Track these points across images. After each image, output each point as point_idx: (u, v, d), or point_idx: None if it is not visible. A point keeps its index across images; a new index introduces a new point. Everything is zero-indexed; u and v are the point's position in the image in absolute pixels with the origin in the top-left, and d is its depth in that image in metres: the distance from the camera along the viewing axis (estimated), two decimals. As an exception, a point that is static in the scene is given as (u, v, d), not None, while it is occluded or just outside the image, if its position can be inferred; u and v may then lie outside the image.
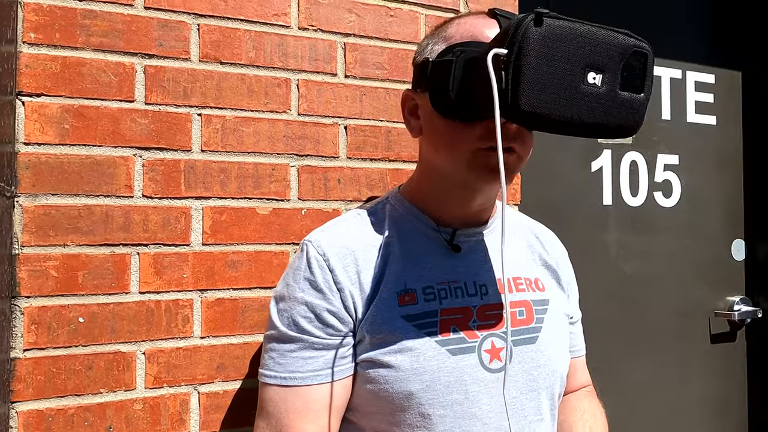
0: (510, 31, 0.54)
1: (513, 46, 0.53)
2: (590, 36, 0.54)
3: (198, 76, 0.93)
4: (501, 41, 0.55)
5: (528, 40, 0.52)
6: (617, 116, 0.56)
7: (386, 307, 0.72)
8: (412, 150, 1.06)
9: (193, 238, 0.92)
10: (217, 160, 0.94)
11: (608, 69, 0.55)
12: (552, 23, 0.53)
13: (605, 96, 0.55)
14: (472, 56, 0.65)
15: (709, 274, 1.61)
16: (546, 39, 0.53)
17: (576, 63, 0.54)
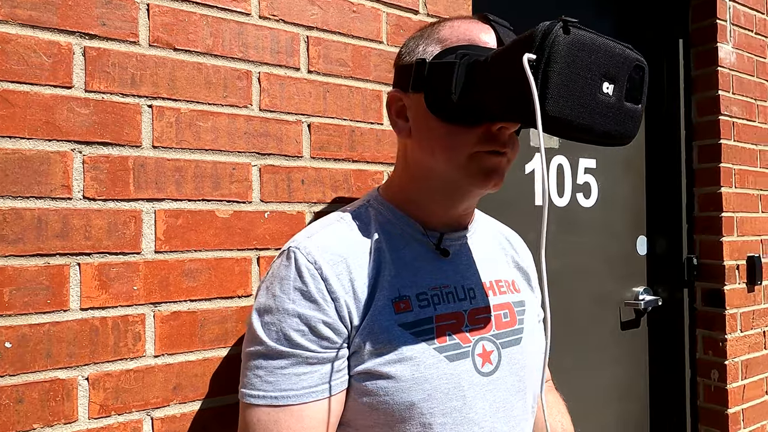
0: (537, 36, 0.54)
1: (542, 52, 0.53)
2: (606, 47, 0.56)
3: (148, 63, 0.82)
4: (527, 46, 0.55)
5: (557, 46, 0.53)
6: (622, 125, 0.59)
7: (383, 316, 0.69)
8: (375, 151, 1.04)
9: (144, 246, 0.81)
10: (171, 157, 0.84)
11: (618, 80, 0.57)
12: (577, 32, 0.54)
13: (615, 105, 0.57)
14: (475, 59, 0.65)
15: (619, 267, 1.78)
16: (572, 47, 0.54)
17: (595, 72, 0.55)
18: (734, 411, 1.73)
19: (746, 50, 1.85)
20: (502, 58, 0.61)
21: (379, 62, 1.04)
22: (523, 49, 0.55)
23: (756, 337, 1.83)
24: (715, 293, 1.76)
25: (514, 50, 0.58)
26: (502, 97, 0.60)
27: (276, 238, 0.92)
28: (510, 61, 0.58)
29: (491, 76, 0.62)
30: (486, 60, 0.63)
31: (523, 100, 0.55)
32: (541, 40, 0.54)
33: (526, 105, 0.55)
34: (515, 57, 0.56)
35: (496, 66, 0.61)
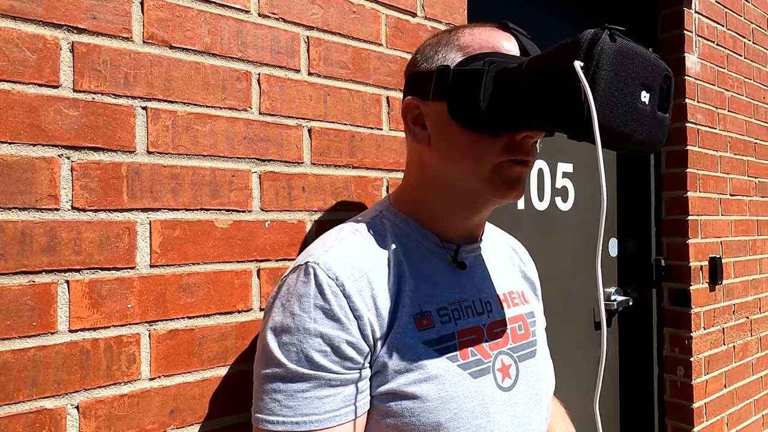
0: (584, 43, 0.53)
1: (590, 59, 0.52)
2: (645, 56, 0.56)
3: (143, 61, 0.76)
4: (571, 53, 0.54)
5: (605, 54, 0.52)
6: (655, 134, 0.58)
7: (406, 334, 0.66)
8: (375, 157, 1.00)
9: (139, 259, 0.75)
10: (167, 163, 0.78)
11: (653, 89, 0.57)
12: (621, 41, 0.53)
13: (650, 114, 0.57)
14: (503, 67, 0.63)
15: (593, 268, 1.83)
16: (618, 56, 0.53)
17: (636, 81, 0.55)
18: (698, 405, 1.82)
19: (709, 60, 1.94)
20: (541, 65, 0.59)
21: (379, 65, 1.01)
22: (567, 56, 0.54)
23: (716, 334, 1.92)
24: (681, 293, 1.84)
25: (556, 57, 0.56)
26: (537, 105, 0.59)
27: (276, 249, 0.88)
28: (551, 67, 0.57)
29: (525, 84, 0.60)
30: (520, 67, 0.61)
31: (566, 107, 0.54)
32: (589, 47, 0.53)
33: (569, 112, 0.54)
34: (558, 64, 0.55)
35: (532, 73, 0.60)
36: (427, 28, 1.09)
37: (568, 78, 0.53)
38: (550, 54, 0.58)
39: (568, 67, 0.53)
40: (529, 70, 0.60)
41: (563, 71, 0.54)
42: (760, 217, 2.19)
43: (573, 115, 0.53)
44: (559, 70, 0.55)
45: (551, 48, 0.59)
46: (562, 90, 0.54)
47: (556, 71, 0.56)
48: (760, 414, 2.13)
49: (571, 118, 0.54)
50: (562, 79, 0.54)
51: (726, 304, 1.97)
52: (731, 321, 2.00)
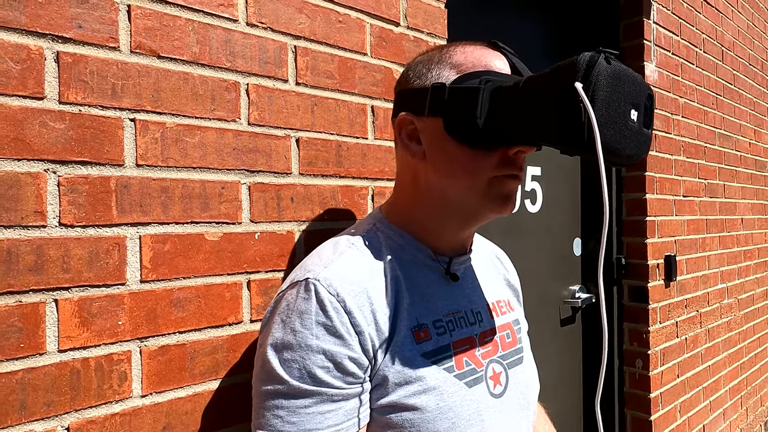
0: (582, 66, 0.56)
1: (588, 81, 0.55)
2: (634, 77, 0.59)
3: (130, 72, 0.74)
4: (569, 75, 0.57)
5: (602, 76, 0.55)
6: (640, 148, 0.62)
7: (405, 347, 0.68)
8: (361, 166, 1.01)
9: (129, 275, 0.73)
10: (156, 176, 0.76)
11: (640, 108, 0.61)
12: (615, 64, 0.57)
13: (638, 131, 0.61)
14: (498, 85, 0.66)
15: (559, 268, 1.90)
16: (613, 77, 0.56)
17: (627, 101, 0.58)
18: (655, 395, 1.93)
19: (665, 69, 2.04)
20: (539, 84, 0.62)
21: (364, 75, 1.02)
22: (565, 77, 0.57)
23: (671, 327, 2.04)
24: (640, 290, 1.94)
25: (554, 78, 0.59)
26: (536, 123, 0.62)
27: (266, 260, 0.87)
28: (550, 87, 0.59)
29: (523, 102, 0.63)
30: (516, 86, 0.64)
31: (566, 126, 0.57)
32: (587, 69, 0.56)
33: (569, 130, 0.57)
34: (556, 84, 0.58)
35: (530, 92, 0.62)
36: (409, 38, 1.10)
37: (568, 98, 0.56)
38: (548, 74, 0.61)
39: (568, 88, 0.56)
40: (527, 89, 0.63)
41: (562, 91, 0.57)
42: (708, 217, 2.34)
43: (573, 133, 0.56)
44: (557, 90, 0.58)
45: (548, 69, 0.62)
46: (562, 109, 0.57)
47: (555, 91, 0.58)
48: (708, 401, 2.29)
49: (572, 137, 0.57)
50: (562, 98, 0.57)
51: (679, 299, 2.10)
52: (683, 315, 2.13)
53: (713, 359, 2.34)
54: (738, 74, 2.62)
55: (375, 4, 1.04)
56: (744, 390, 2.62)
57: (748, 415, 2.68)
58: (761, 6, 2.94)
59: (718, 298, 2.39)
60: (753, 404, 2.73)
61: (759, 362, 2.80)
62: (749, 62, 2.76)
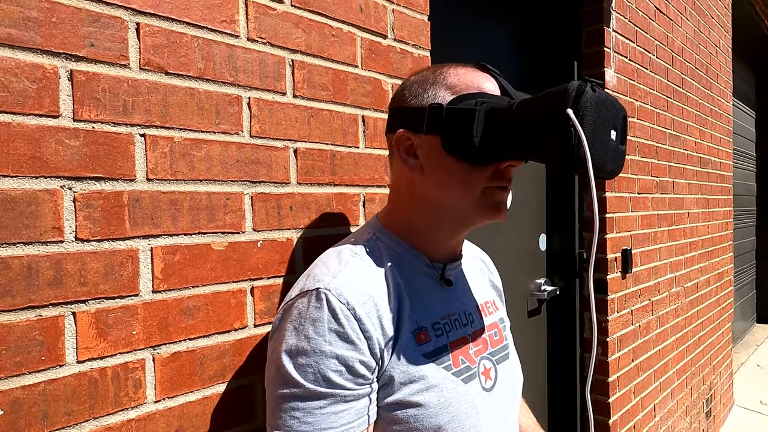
0: (572, 93, 0.63)
1: (578, 107, 0.63)
2: (613, 102, 0.67)
3: (140, 88, 0.76)
4: (561, 101, 0.64)
5: (589, 103, 0.63)
6: (618, 163, 0.71)
7: (408, 349, 0.74)
8: (353, 174, 1.06)
9: (142, 286, 0.76)
10: (166, 189, 0.79)
11: (618, 128, 0.69)
12: (600, 91, 0.64)
13: (616, 148, 0.69)
14: (492, 107, 0.73)
15: (526, 262, 2.01)
16: (598, 103, 0.64)
17: (608, 123, 0.66)
18: (612, 379, 2.08)
19: (623, 74, 2.17)
20: (532, 108, 0.69)
21: (355, 86, 1.06)
22: (557, 103, 0.65)
23: (626, 316, 2.20)
24: (600, 282, 2.08)
25: (547, 103, 0.67)
26: (530, 143, 0.69)
27: (268, 267, 0.91)
28: (542, 111, 0.67)
29: (517, 123, 0.70)
30: (510, 108, 0.71)
31: (560, 147, 0.64)
32: (576, 97, 0.63)
33: (562, 150, 0.64)
34: (548, 109, 0.65)
35: (523, 115, 0.70)
36: (396, 50, 1.15)
37: (560, 122, 0.63)
38: (541, 99, 0.68)
39: (560, 113, 0.64)
40: (520, 112, 0.70)
41: (554, 116, 0.64)
42: (659, 212, 2.51)
43: (566, 153, 0.64)
44: (551, 115, 0.65)
45: (540, 94, 0.69)
46: (556, 132, 0.64)
47: (549, 115, 0.66)
48: (658, 382, 2.47)
49: (565, 156, 0.64)
50: (555, 122, 0.64)
51: (634, 290, 2.25)
52: (637, 304, 2.29)
53: (663, 344, 2.53)
54: (686, 78, 2.81)
55: (365, 18, 1.08)
56: (689, 371, 2.85)
57: (693, 394, 2.91)
58: (706, 14, 3.15)
59: (667, 287, 2.58)
60: (696, 383, 2.97)
61: (701, 345, 3.04)
62: (695, 66, 2.95)
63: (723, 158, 3.43)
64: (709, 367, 3.18)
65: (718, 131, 3.32)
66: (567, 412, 2.13)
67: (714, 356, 3.26)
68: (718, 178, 3.32)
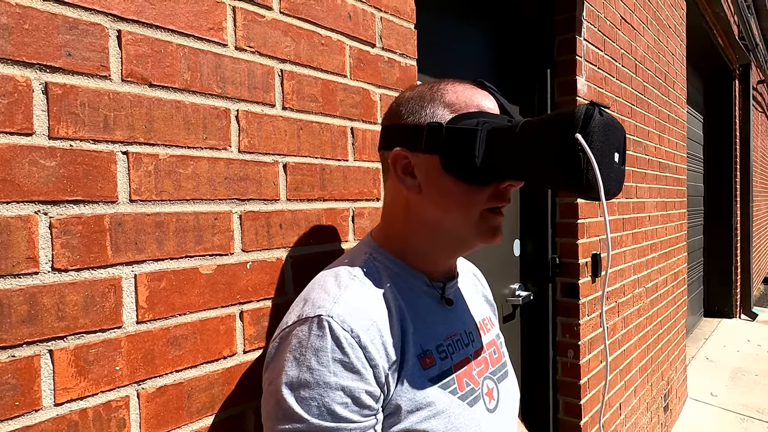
0: (580, 118, 0.62)
1: (586, 132, 0.62)
2: (617, 125, 0.67)
3: (123, 102, 0.70)
4: (568, 124, 0.63)
5: (597, 127, 0.62)
6: (620, 184, 0.70)
7: (414, 375, 0.72)
8: (342, 188, 1.02)
9: (125, 317, 0.70)
10: (151, 211, 0.73)
11: (620, 150, 0.68)
12: (606, 116, 0.64)
13: (619, 170, 0.68)
14: (494, 127, 0.71)
15: (501, 268, 2.02)
16: (605, 128, 0.63)
17: (613, 146, 0.66)
18: (583, 381, 2.13)
19: (592, 82, 2.22)
20: (537, 130, 0.68)
21: (344, 97, 1.03)
22: (564, 126, 0.63)
23: (596, 319, 2.25)
24: (571, 286, 2.11)
25: (553, 126, 0.65)
26: (536, 165, 0.68)
27: (257, 290, 0.86)
28: (549, 134, 0.66)
29: (521, 145, 0.68)
30: (513, 129, 0.69)
31: (568, 171, 0.63)
32: (584, 121, 0.62)
33: (571, 175, 0.63)
34: (557, 132, 0.64)
35: (528, 137, 0.68)
36: (384, 59, 1.12)
37: (568, 146, 0.62)
38: (547, 122, 0.67)
39: (568, 137, 0.62)
40: (525, 133, 0.69)
41: (562, 140, 0.63)
42: (624, 216, 2.58)
43: (575, 178, 0.63)
44: (557, 138, 0.64)
45: (545, 117, 0.68)
46: (564, 156, 0.63)
47: (555, 139, 0.64)
48: (623, 381, 2.55)
49: (573, 181, 0.63)
50: (562, 146, 0.63)
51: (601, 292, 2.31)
52: (606, 306, 2.35)
53: (627, 343, 2.61)
54: (647, 85, 2.91)
55: (354, 26, 1.04)
56: (649, 368, 2.95)
57: (652, 390, 3.02)
58: (665, 23, 3.27)
59: (631, 288, 2.66)
60: (656, 380, 3.08)
61: (660, 342, 3.16)
62: (655, 74, 3.06)
63: (678, 162, 3.57)
64: (667, 363, 3.31)
65: (674, 136, 3.46)
66: (540, 415, 2.16)
67: (671, 352, 3.40)
68: (674, 182, 3.46)
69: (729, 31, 5.19)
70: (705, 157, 6.38)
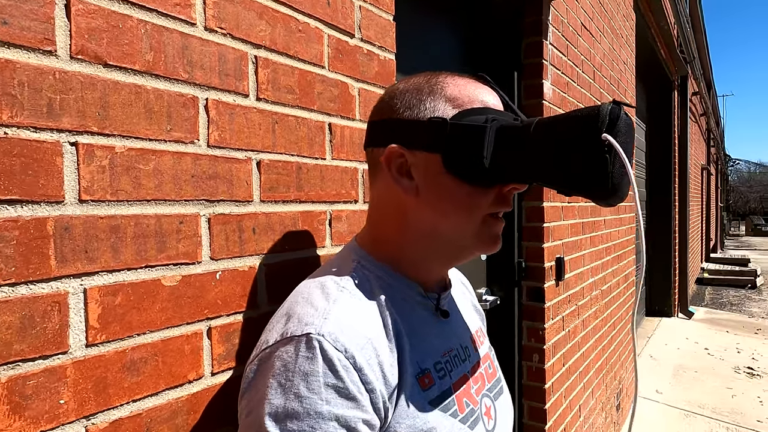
0: (605, 116, 0.57)
1: (614, 132, 0.57)
2: (632, 124, 0.63)
3: (72, 83, 0.58)
4: (592, 124, 0.58)
5: (623, 127, 0.58)
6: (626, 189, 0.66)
7: (413, 398, 0.64)
8: (320, 189, 0.94)
9: (72, 340, 0.58)
10: (105, 213, 0.61)
11: (631, 151, 0.64)
12: (629, 115, 0.59)
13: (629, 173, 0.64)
14: (502, 124, 0.65)
15: (468, 272, 1.98)
16: (628, 128, 0.59)
17: (631, 147, 0.62)
18: (548, 385, 2.12)
19: (557, 86, 2.23)
20: (555, 129, 0.62)
21: (322, 90, 0.94)
22: (588, 126, 0.58)
23: (559, 322, 2.26)
24: (537, 290, 2.11)
25: (574, 126, 0.60)
26: (545, 165, 0.62)
27: (228, 302, 0.76)
28: (570, 134, 0.60)
29: (535, 145, 0.63)
30: (527, 127, 0.64)
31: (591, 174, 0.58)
32: (611, 121, 0.57)
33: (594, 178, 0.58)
34: (579, 133, 0.59)
35: (545, 136, 0.62)
36: (363, 51, 1.04)
37: (593, 147, 0.57)
38: (565, 121, 0.62)
39: (593, 138, 0.57)
40: (540, 132, 0.63)
41: (587, 140, 0.58)
42: (584, 219, 2.62)
43: (599, 180, 0.58)
44: (580, 139, 0.59)
45: (563, 116, 0.62)
46: (589, 158, 0.58)
47: (578, 139, 0.59)
48: (582, 383, 2.58)
49: (597, 183, 0.58)
50: (587, 147, 0.58)
51: (564, 296, 2.32)
52: (567, 309, 2.37)
53: (586, 345, 2.64)
54: (603, 92, 2.97)
55: (332, 14, 0.96)
56: (605, 368, 3.02)
57: (607, 390, 3.09)
58: (618, 32, 3.37)
59: (589, 291, 2.71)
60: (609, 379, 3.15)
61: (614, 343, 3.24)
62: (611, 82, 3.14)
63: (629, 168, 3.69)
64: (619, 363, 3.40)
65: (626, 143, 3.56)
66: (505, 421, 2.14)
67: (622, 352, 3.50)
68: (625, 187, 3.57)
69: (671, 44, 5.46)
70: (647, 163, 6.68)
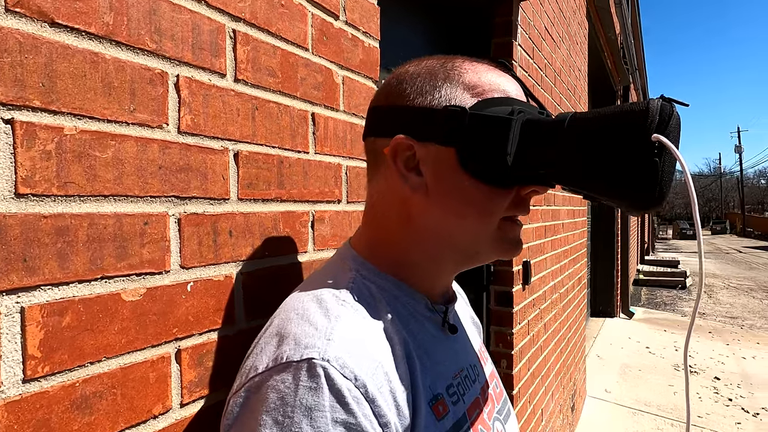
0: (655, 114, 0.50)
1: (666, 133, 0.50)
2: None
3: (7, 44, 0.45)
4: (640, 125, 0.51)
5: (675, 127, 0.51)
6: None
7: (429, 429, 0.55)
8: (302, 186, 0.83)
9: (5, 376, 0.45)
10: (49, 212, 0.48)
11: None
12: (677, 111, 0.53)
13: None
14: (528, 118, 0.57)
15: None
16: (679, 127, 0.52)
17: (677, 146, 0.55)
18: (515, 392, 2.09)
19: (524, 89, 2.21)
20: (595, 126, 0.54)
21: (306, 75, 0.83)
22: (635, 124, 0.51)
23: (525, 327, 2.23)
24: (505, 294, 2.07)
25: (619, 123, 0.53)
26: (579, 167, 0.55)
27: (200, 319, 0.64)
28: (616, 133, 0.53)
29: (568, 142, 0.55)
30: (559, 123, 0.56)
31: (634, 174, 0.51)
32: (661, 119, 0.50)
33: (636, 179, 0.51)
34: (627, 131, 0.52)
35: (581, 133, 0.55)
36: (348, 35, 0.94)
37: (642, 149, 0.50)
38: (606, 117, 0.54)
39: (643, 138, 0.50)
40: (578, 129, 0.55)
41: (635, 141, 0.51)
42: (546, 223, 2.62)
43: (646, 186, 0.51)
44: (627, 139, 0.52)
45: (604, 111, 0.55)
46: (637, 161, 0.51)
47: (624, 140, 0.52)
48: (544, 386, 2.58)
49: (644, 189, 0.51)
50: (635, 148, 0.51)
51: (530, 300, 2.31)
52: (532, 314, 2.35)
53: (547, 348, 2.65)
54: (563, 98, 3.00)
55: (317, -10, 0.86)
56: (562, 371, 3.04)
57: (564, 391, 3.12)
58: (574, 39, 3.43)
59: (550, 294, 2.71)
60: (566, 381, 3.19)
61: (570, 345, 3.29)
62: (568, 88, 3.19)
63: (583, 173, 3.77)
64: (573, 364, 3.45)
65: (580, 148, 3.64)
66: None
67: (576, 353, 3.56)
68: (580, 191, 3.64)
69: (617, 54, 5.68)
70: (592, 169, 6.92)
